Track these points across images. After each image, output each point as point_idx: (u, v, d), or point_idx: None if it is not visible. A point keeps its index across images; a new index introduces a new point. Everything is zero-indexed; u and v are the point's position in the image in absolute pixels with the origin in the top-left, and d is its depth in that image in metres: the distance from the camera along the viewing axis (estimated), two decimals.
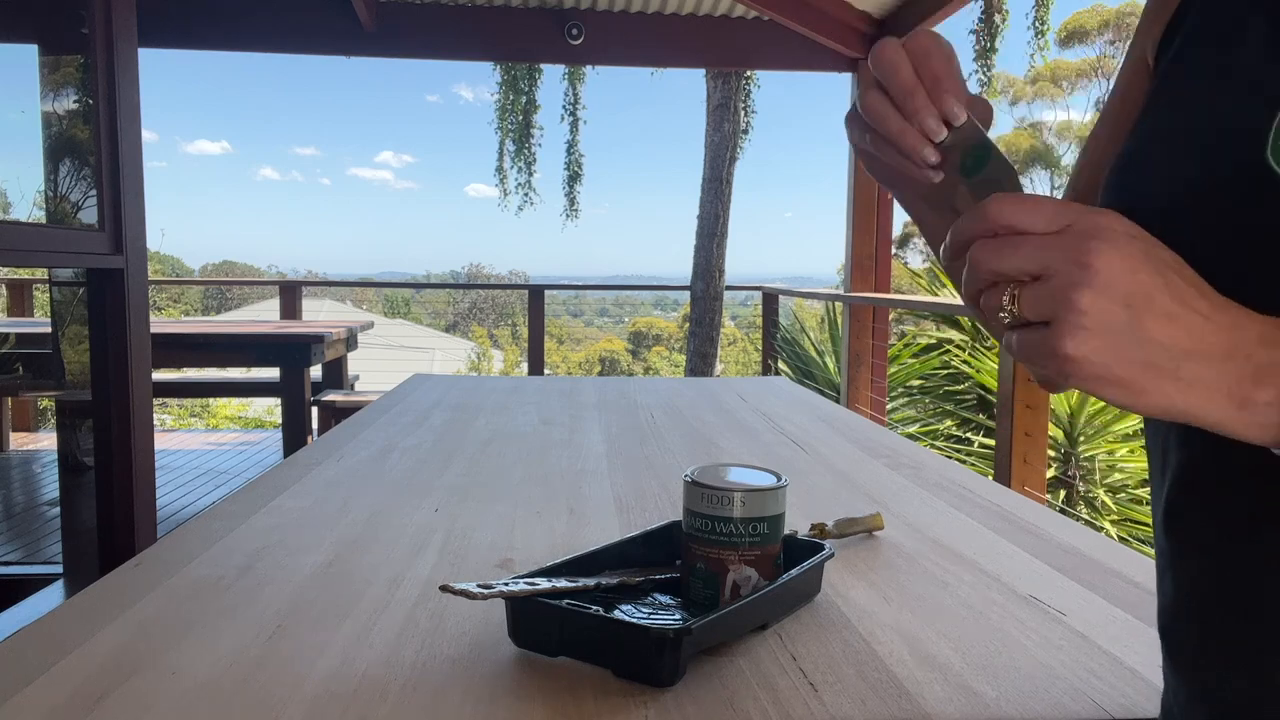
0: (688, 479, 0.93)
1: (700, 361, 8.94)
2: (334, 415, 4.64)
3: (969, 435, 4.73)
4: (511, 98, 12.44)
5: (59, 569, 2.97)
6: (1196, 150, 0.54)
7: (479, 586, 0.81)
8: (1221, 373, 0.40)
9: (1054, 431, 4.19)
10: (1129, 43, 0.58)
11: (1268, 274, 0.46)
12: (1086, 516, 4.07)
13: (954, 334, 5.43)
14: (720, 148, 8.93)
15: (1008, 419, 3.18)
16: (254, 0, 5.11)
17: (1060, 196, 0.52)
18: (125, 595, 0.97)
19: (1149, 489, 0.66)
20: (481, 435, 1.87)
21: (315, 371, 4.79)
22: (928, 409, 5.30)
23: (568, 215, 12.79)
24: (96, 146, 2.39)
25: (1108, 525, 4.00)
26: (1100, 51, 29.44)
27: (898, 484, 1.51)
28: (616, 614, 0.87)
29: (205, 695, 0.75)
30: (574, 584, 0.88)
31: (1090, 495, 4.18)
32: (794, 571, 0.92)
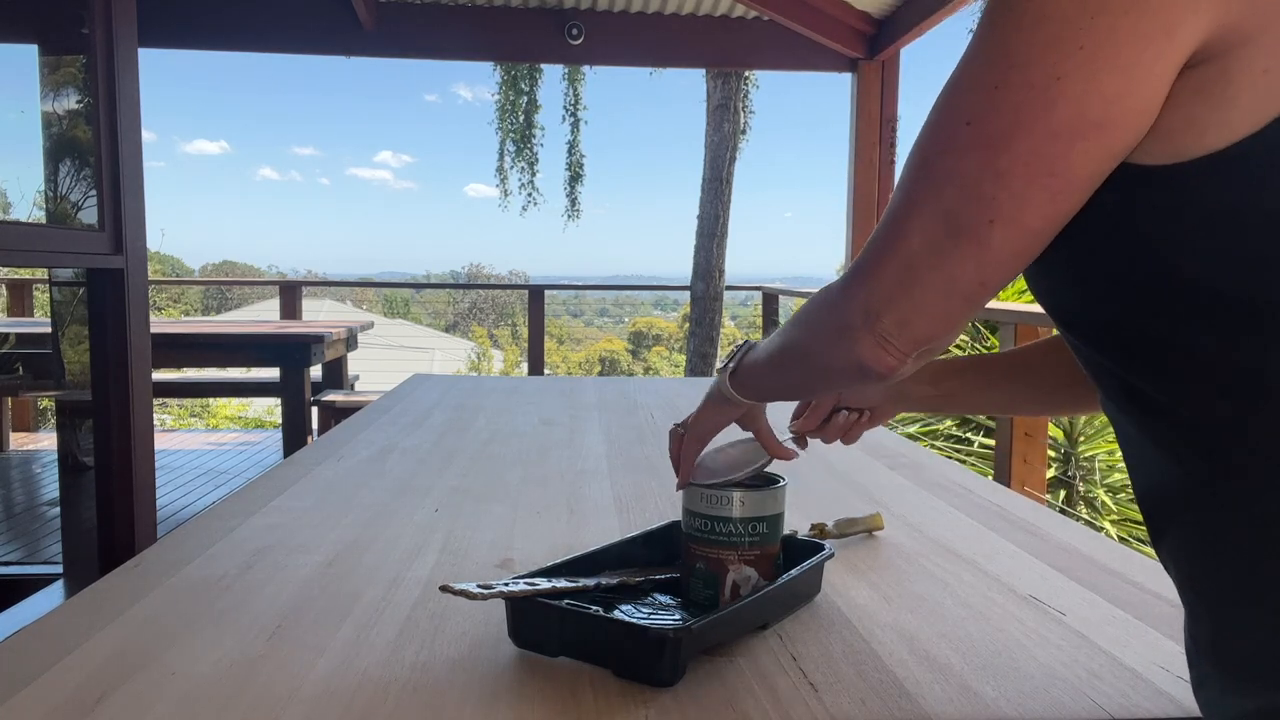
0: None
1: (700, 361, 8.94)
2: (334, 415, 4.64)
3: (969, 435, 4.73)
4: (512, 98, 12.45)
5: (59, 569, 2.97)
6: None
7: (479, 586, 0.81)
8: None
9: (1054, 431, 4.19)
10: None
11: None
12: (1086, 516, 4.07)
13: None
14: (720, 148, 8.93)
15: (1007, 419, 3.18)
16: (254, 0, 5.11)
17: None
18: (125, 595, 0.97)
19: None
20: (481, 435, 1.87)
21: (315, 371, 4.78)
22: None
23: (569, 215, 12.80)
24: (96, 146, 2.39)
25: (1108, 525, 4.00)
26: None
27: (898, 484, 1.51)
28: (616, 614, 0.87)
29: (205, 695, 0.75)
30: (574, 584, 0.88)
31: (1090, 495, 4.18)
32: (794, 571, 0.92)
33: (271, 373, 4.66)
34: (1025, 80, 0.52)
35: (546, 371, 8.22)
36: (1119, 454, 4.46)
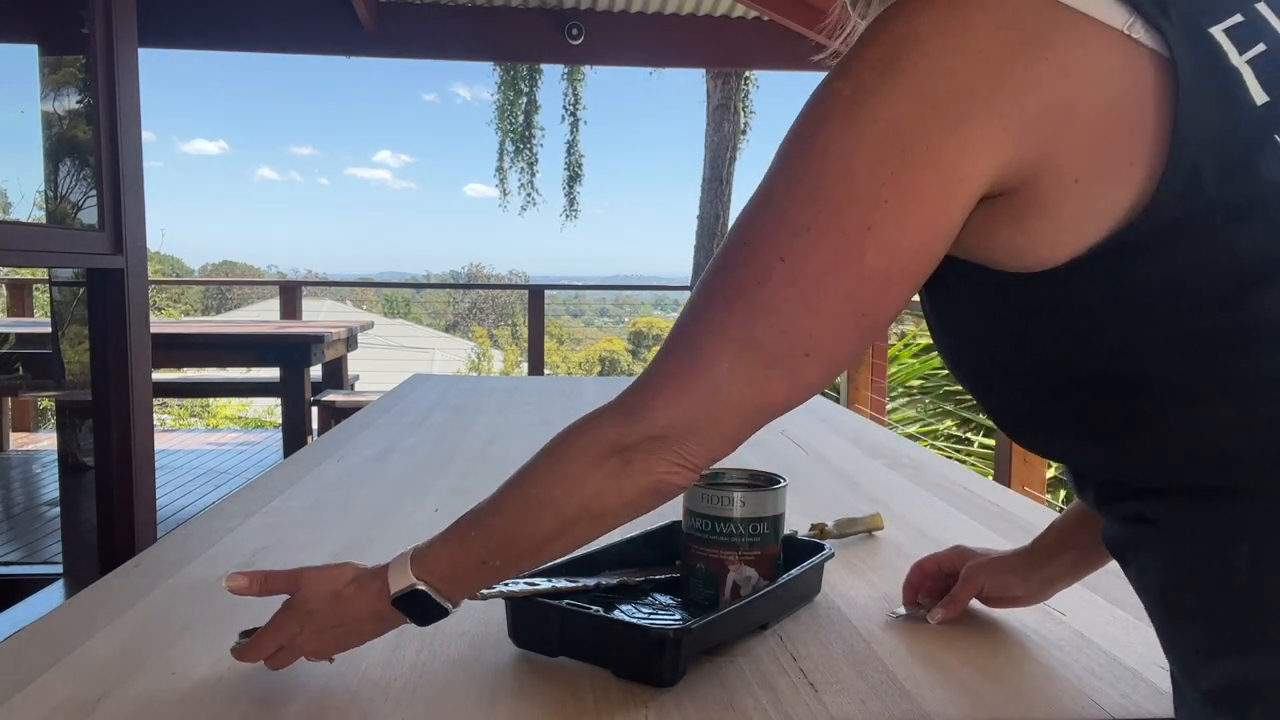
0: None
1: None
2: (334, 415, 4.63)
3: (969, 435, 4.73)
4: (511, 98, 12.44)
5: (59, 569, 2.97)
6: None
7: None
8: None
9: None
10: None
11: None
12: None
13: None
14: (720, 148, 8.93)
15: None
16: (254, 0, 5.10)
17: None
18: (125, 595, 0.97)
19: None
20: (481, 435, 1.87)
21: (315, 371, 4.78)
22: (928, 409, 5.29)
23: (568, 215, 12.79)
24: (96, 146, 2.39)
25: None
26: None
27: (898, 484, 1.51)
28: (616, 614, 0.87)
29: (205, 695, 0.75)
30: (574, 584, 0.88)
31: None
32: (794, 571, 0.92)
33: (271, 373, 4.65)
34: (837, 226, 0.55)
35: (546, 371, 8.22)
36: None
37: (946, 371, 5.40)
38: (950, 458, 3.24)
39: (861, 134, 0.55)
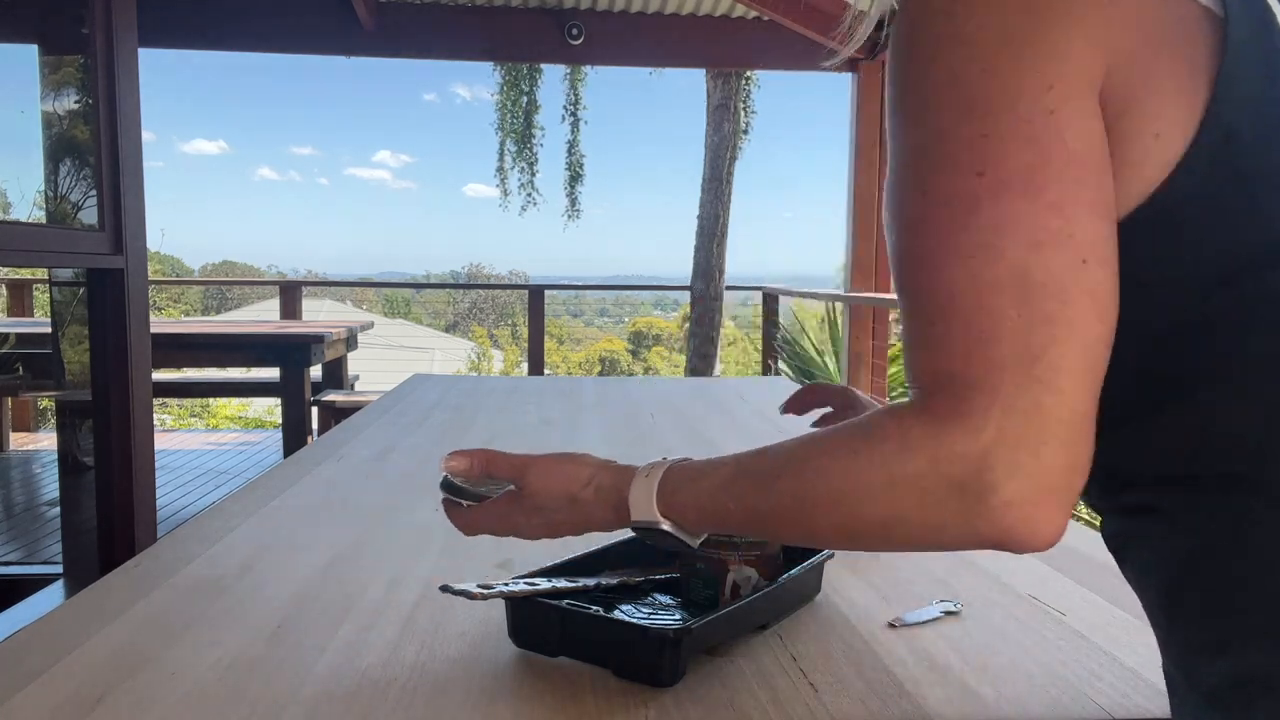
0: None
1: (700, 361, 8.94)
2: (334, 415, 4.63)
3: None
4: (512, 98, 12.45)
5: (59, 569, 2.97)
6: None
7: (479, 586, 0.81)
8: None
9: None
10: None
11: None
12: (1086, 516, 4.06)
13: None
14: (720, 148, 8.93)
15: None
16: (254, 0, 5.10)
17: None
18: (125, 595, 0.97)
19: None
20: (481, 435, 1.86)
21: (315, 371, 4.78)
22: None
23: (569, 215, 12.80)
24: (96, 146, 2.39)
25: None
26: None
27: None
28: (616, 614, 0.87)
29: (205, 695, 0.75)
30: (574, 584, 0.88)
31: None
32: (794, 571, 0.92)
33: (271, 373, 4.66)
34: (1014, 118, 0.49)
35: (546, 371, 8.21)
36: None
37: None
38: None
39: (981, 43, 0.50)
